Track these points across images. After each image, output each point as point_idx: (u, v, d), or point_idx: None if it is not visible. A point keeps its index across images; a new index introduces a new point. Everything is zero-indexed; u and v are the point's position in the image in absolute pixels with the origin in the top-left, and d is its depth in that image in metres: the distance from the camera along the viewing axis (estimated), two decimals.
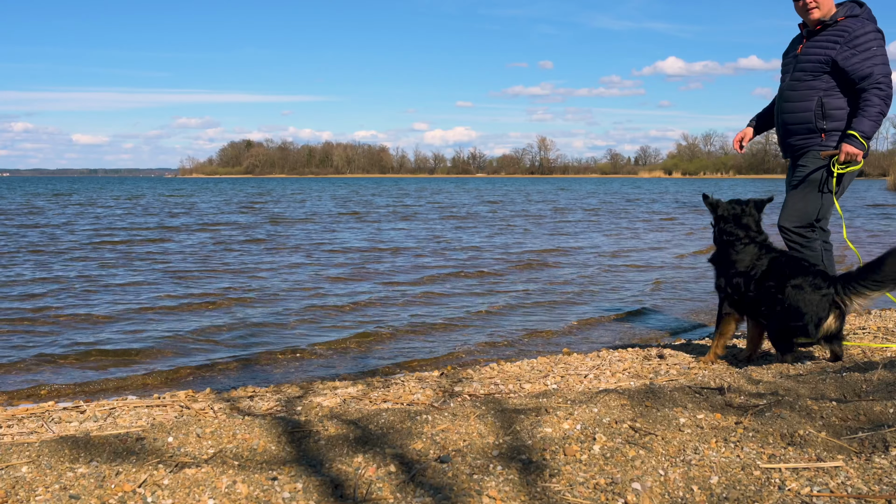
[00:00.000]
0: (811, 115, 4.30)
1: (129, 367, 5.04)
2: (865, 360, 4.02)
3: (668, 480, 2.18)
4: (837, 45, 4.17)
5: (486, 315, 6.84)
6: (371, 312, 6.91)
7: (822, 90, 4.27)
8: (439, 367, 4.88)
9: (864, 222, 19.80)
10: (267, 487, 2.16)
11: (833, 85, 4.25)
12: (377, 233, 16.40)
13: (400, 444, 2.47)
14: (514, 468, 2.26)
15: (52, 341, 5.71)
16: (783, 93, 4.46)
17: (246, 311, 6.94)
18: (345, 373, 4.88)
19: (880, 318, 5.87)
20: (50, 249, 12.33)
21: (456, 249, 12.63)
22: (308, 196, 41.68)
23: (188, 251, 12.27)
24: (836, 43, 4.18)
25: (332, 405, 3.53)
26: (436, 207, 28.37)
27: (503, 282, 8.97)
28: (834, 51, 4.17)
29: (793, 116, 4.39)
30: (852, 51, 4.14)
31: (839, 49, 4.16)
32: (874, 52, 4.14)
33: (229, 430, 2.57)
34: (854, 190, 53.20)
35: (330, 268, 10.17)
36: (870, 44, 4.15)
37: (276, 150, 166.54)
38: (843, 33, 4.17)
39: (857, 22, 4.19)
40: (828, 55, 4.19)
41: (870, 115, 4.15)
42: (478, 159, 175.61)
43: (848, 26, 4.18)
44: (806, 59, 4.30)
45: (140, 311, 6.88)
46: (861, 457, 2.26)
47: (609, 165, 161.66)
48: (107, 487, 2.14)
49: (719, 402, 2.85)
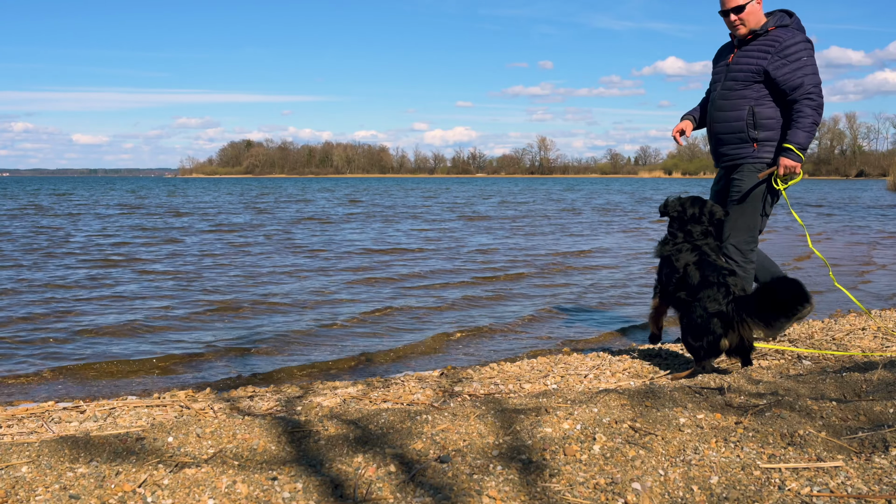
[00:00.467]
0: (743, 124, 4.32)
1: (130, 366, 5.04)
2: (865, 360, 4.02)
3: (668, 480, 2.18)
4: (768, 55, 4.20)
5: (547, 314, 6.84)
6: (453, 314, 6.91)
7: (753, 99, 4.29)
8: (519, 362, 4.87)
9: (869, 222, 19.80)
10: (267, 487, 2.16)
11: (765, 94, 4.28)
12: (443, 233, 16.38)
13: (400, 444, 2.47)
14: (514, 468, 2.26)
15: (52, 342, 5.71)
16: (715, 101, 4.45)
17: (256, 314, 6.94)
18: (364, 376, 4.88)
19: (880, 318, 5.88)
20: (60, 251, 12.33)
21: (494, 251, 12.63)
22: (329, 196, 41.64)
23: (200, 252, 12.28)
24: (768, 53, 4.21)
25: (332, 405, 3.53)
26: (464, 211, 28.34)
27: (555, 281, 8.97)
28: (765, 61, 4.20)
29: (725, 126, 4.40)
30: (783, 61, 4.18)
31: (770, 59, 4.19)
32: (804, 62, 4.18)
33: (229, 430, 2.57)
34: (855, 190, 53.23)
35: (341, 271, 10.16)
36: (800, 54, 4.18)
37: (276, 150, 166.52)
38: (774, 43, 4.20)
39: (788, 32, 4.23)
40: (759, 65, 4.22)
41: (804, 127, 4.20)
42: (478, 159, 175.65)
43: (779, 36, 4.21)
44: (738, 69, 4.31)
45: (141, 312, 6.88)
46: (861, 457, 2.25)
47: (609, 165, 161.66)
48: (107, 487, 2.14)
49: (719, 402, 2.85)
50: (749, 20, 4.24)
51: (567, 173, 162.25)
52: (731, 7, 4.22)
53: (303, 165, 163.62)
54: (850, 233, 16.59)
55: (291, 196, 41.55)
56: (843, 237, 15.46)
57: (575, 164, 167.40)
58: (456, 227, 18.34)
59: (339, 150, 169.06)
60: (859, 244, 13.85)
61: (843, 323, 5.68)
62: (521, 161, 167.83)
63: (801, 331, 5.39)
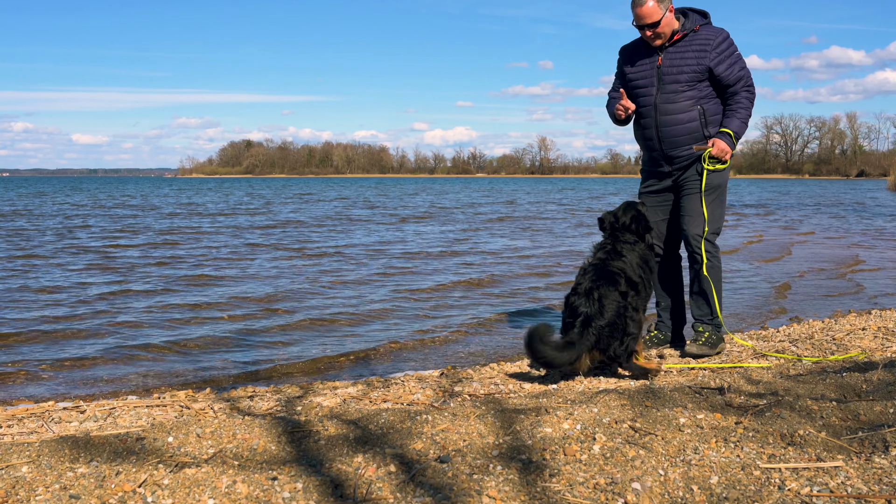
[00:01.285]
0: (697, 124, 4.33)
1: (130, 367, 5.04)
2: (866, 360, 4.02)
3: (668, 480, 2.18)
4: (706, 52, 4.21)
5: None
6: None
7: (700, 98, 4.31)
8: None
9: (868, 223, 19.81)
10: (267, 487, 2.16)
11: (709, 91, 4.32)
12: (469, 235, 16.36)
13: (400, 444, 2.47)
14: (514, 468, 2.26)
15: (53, 341, 5.71)
16: (658, 107, 4.37)
17: (257, 314, 6.94)
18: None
19: (880, 317, 5.88)
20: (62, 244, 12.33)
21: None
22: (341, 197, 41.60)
23: (210, 254, 12.28)
24: (705, 51, 4.22)
25: (332, 405, 3.53)
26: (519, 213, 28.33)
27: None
28: (706, 59, 4.22)
29: (676, 129, 4.35)
30: (720, 56, 4.22)
31: (710, 56, 4.22)
32: (737, 55, 4.28)
33: (229, 430, 2.57)
34: (856, 190, 53.26)
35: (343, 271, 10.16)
36: (732, 48, 4.27)
37: (276, 150, 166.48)
38: (707, 41, 4.22)
39: (714, 29, 4.30)
40: (702, 63, 4.23)
41: (741, 117, 4.31)
42: (478, 159, 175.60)
43: (709, 34, 4.25)
44: (677, 71, 4.28)
45: (141, 312, 6.88)
46: (861, 457, 2.26)
47: (609, 165, 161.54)
48: (107, 487, 2.14)
49: (719, 402, 2.85)
50: (665, 31, 4.26)
51: (567, 173, 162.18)
52: (648, 23, 4.21)
53: (303, 165, 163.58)
54: (864, 234, 16.59)
55: (330, 196, 41.45)
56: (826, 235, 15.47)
57: (575, 164, 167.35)
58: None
59: (339, 150, 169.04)
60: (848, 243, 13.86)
61: (843, 323, 5.68)
62: (521, 161, 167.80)
63: (801, 331, 5.39)
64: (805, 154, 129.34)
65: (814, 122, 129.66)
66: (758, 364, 4.16)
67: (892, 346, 4.62)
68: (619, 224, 4.14)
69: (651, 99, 4.37)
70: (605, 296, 3.75)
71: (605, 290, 3.77)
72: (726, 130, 4.29)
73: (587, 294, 3.77)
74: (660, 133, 4.40)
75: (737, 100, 4.31)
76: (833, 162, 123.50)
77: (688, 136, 4.34)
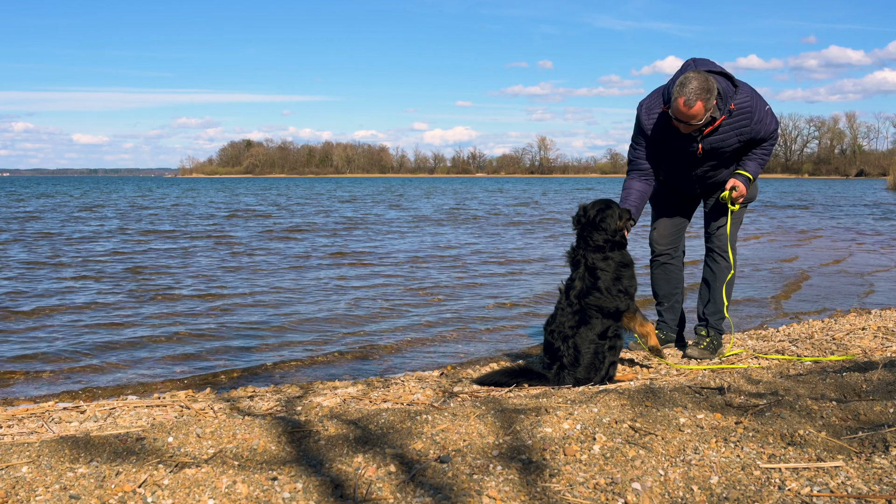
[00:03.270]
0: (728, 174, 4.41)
1: (130, 366, 5.04)
2: (865, 360, 4.02)
3: (668, 480, 2.18)
4: (747, 128, 4.15)
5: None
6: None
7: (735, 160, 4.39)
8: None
9: (860, 221, 19.82)
10: (267, 487, 2.16)
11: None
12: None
13: (400, 444, 2.47)
14: (514, 468, 2.26)
15: (53, 341, 5.71)
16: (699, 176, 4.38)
17: (257, 315, 6.94)
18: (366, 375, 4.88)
19: (880, 317, 5.88)
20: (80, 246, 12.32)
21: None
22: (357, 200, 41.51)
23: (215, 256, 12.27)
24: (745, 127, 4.15)
25: (332, 405, 3.53)
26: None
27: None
28: (747, 131, 4.16)
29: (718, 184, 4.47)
30: (759, 126, 4.18)
31: (753, 130, 4.17)
32: (768, 111, 4.23)
33: (229, 430, 2.57)
34: (854, 189, 53.25)
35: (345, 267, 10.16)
36: (764, 110, 4.19)
37: (276, 150, 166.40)
38: (747, 117, 4.12)
39: (745, 99, 4.10)
40: (742, 139, 4.20)
41: (760, 161, 4.36)
42: (478, 159, 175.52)
43: (745, 109, 4.10)
44: (720, 153, 4.23)
45: (142, 312, 6.88)
46: (861, 457, 2.25)
47: (609, 165, 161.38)
48: (107, 487, 2.14)
49: (719, 402, 2.85)
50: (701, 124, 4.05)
51: (567, 173, 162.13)
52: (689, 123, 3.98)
53: (303, 165, 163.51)
54: (861, 232, 16.59)
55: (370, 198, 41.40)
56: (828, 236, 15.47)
57: (575, 164, 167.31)
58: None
59: (339, 150, 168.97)
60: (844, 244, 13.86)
61: (843, 323, 5.68)
62: (520, 161, 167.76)
63: (801, 330, 5.39)
64: (804, 154, 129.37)
65: (813, 122, 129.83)
66: (757, 364, 4.16)
67: (892, 346, 4.63)
68: (588, 221, 3.91)
69: (690, 169, 4.38)
70: (582, 342, 3.74)
71: (581, 337, 3.75)
72: (745, 174, 4.31)
73: (564, 340, 3.77)
74: (699, 188, 4.52)
75: (763, 147, 4.31)
76: (832, 162, 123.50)
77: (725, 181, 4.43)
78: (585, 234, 3.91)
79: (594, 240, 3.87)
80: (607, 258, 3.85)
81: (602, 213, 3.89)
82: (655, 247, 4.68)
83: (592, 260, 3.84)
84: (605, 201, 4.01)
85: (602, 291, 3.79)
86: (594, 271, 3.82)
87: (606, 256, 3.86)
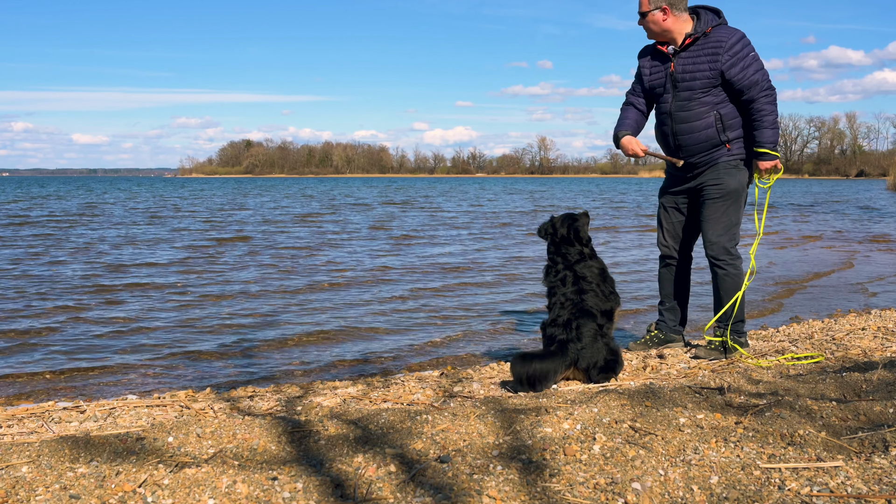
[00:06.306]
0: (713, 130, 4.22)
1: (130, 367, 5.04)
2: (865, 360, 4.03)
3: (668, 480, 2.18)
4: (717, 55, 4.07)
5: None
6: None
7: (716, 104, 4.19)
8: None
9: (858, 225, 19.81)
10: (267, 487, 2.16)
11: (724, 97, 4.19)
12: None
13: (400, 443, 2.47)
14: (514, 468, 2.26)
15: (53, 340, 5.71)
16: (673, 114, 4.30)
17: (258, 314, 6.94)
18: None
19: (880, 317, 5.88)
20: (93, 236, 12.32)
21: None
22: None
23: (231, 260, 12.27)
24: (716, 54, 4.08)
25: (332, 405, 3.53)
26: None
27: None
28: (717, 63, 4.08)
29: (693, 136, 4.26)
30: (732, 60, 4.07)
31: (721, 60, 4.07)
32: (752, 57, 4.10)
33: (229, 430, 2.57)
34: (853, 190, 53.25)
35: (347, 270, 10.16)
36: (746, 50, 4.09)
37: (275, 150, 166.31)
38: (719, 44, 4.07)
39: (727, 29, 4.12)
40: (713, 68, 4.10)
41: (768, 125, 4.14)
42: (478, 159, 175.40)
43: (721, 36, 4.08)
44: (689, 77, 4.17)
45: (142, 312, 6.88)
46: (861, 457, 2.26)
47: (609, 165, 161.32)
48: (107, 487, 2.14)
49: (719, 402, 2.85)
50: (652, 28, 4.17)
51: (567, 173, 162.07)
52: (639, 11, 4.20)
53: (303, 165, 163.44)
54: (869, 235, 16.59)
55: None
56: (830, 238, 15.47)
57: (575, 164, 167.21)
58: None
59: (339, 150, 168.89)
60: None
61: (843, 323, 5.68)
62: (521, 161, 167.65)
63: (801, 330, 5.40)
64: (804, 154, 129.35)
65: (813, 122, 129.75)
66: (757, 364, 4.16)
67: (892, 346, 4.63)
68: (558, 237, 4.20)
69: (667, 106, 4.31)
70: (584, 325, 3.88)
71: (583, 321, 3.89)
72: (762, 149, 4.16)
73: (566, 325, 3.89)
74: (677, 140, 4.32)
75: (757, 108, 4.12)
76: (832, 162, 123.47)
77: (704, 143, 4.25)
78: (563, 250, 4.19)
79: (572, 254, 4.16)
80: (590, 266, 4.15)
81: (574, 226, 4.20)
82: (659, 247, 4.72)
83: (581, 271, 4.10)
84: (572, 215, 4.29)
85: (598, 295, 4.04)
86: (583, 280, 4.07)
87: (589, 265, 4.15)
